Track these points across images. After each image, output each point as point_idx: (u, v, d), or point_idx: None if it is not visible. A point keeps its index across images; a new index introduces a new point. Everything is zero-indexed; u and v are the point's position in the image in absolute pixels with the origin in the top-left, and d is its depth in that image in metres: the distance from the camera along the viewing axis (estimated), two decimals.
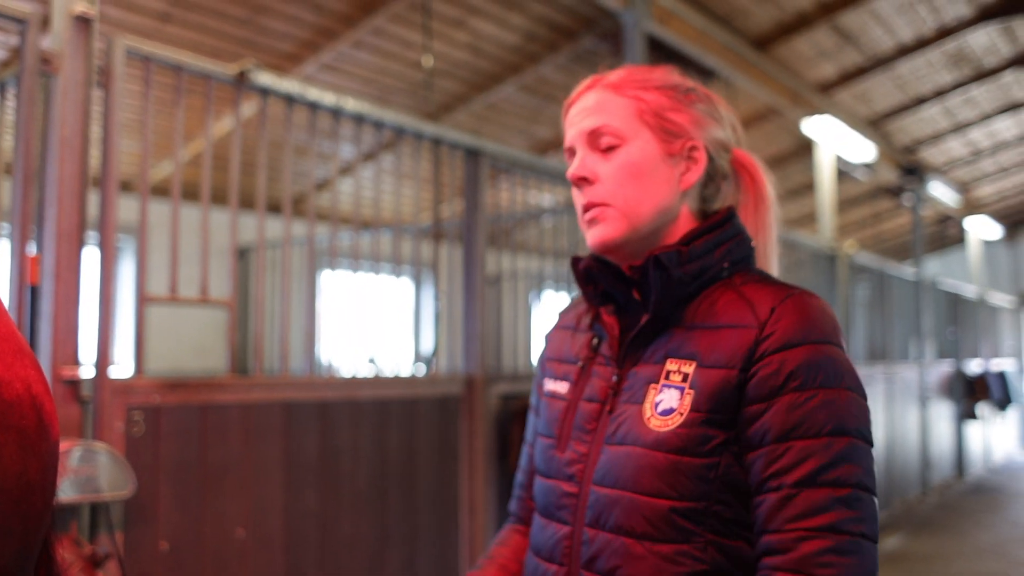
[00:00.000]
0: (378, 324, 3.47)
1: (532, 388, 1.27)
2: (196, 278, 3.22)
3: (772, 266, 1.16)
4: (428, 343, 3.84)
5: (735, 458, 0.98)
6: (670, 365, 1.03)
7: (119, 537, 2.27)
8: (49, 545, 0.77)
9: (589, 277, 1.13)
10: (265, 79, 2.75)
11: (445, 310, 3.61)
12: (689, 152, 1.09)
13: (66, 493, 2.07)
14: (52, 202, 2.21)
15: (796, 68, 6.65)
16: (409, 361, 3.54)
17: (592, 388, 1.10)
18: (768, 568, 0.94)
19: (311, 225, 2.98)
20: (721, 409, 0.98)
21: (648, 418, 1.01)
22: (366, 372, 3.35)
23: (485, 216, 3.62)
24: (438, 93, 6.12)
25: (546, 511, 1.11)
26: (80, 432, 2.23)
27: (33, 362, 0.78)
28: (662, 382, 1.02)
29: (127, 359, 5.70)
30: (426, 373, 3.61)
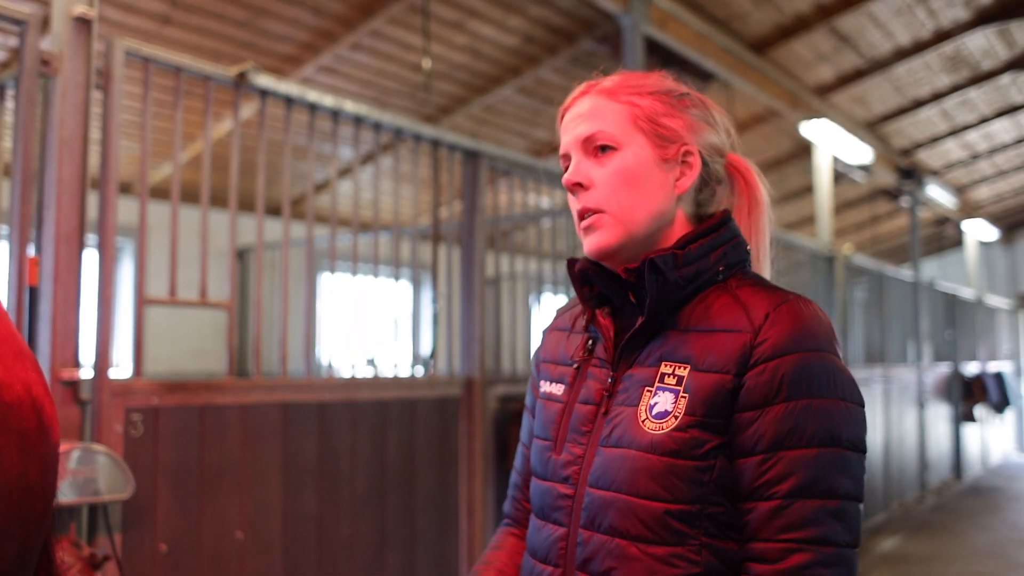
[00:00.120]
0: (377, 326, 3.47)
1: (527, 389, 1.28)
2: (195, 280, 3.22)
3: (765, 269, 1.16)
4: (427, 345, 3.84)
5: (729, 462, 0.99)
6: (665, 368, 1.03)
7: (118, 539, 2.27)
8: (49, 547, 0.77)
9: (585, 279, 1.13)
10: (264, 81, 2.76)
11: (444, 312, 3.61)
12: (683, 157, 1.09)
13: (65, 495, 2.07)
14: (51, 204, 2.21)
15: (794, 71, 6.66)
16: (408, 363, 3.54)
17: (587, 390, 1.10)
18: None
19: (310, 227, 2.99)
20: (715, 413, 0.98)
21: (643, 421, 1.01)
22: (365, 374, 3.35)
23: (484, 218, 3.62)
24: (437, 95, 6.12)
25: (542, 513, 1.11)
26: (79, 434, 2.23)
27: (34, 364, 0.79)
28: (656, 385, 1.03)
29: (126, 361, 5.70)
30: (425, 375, 3.61)
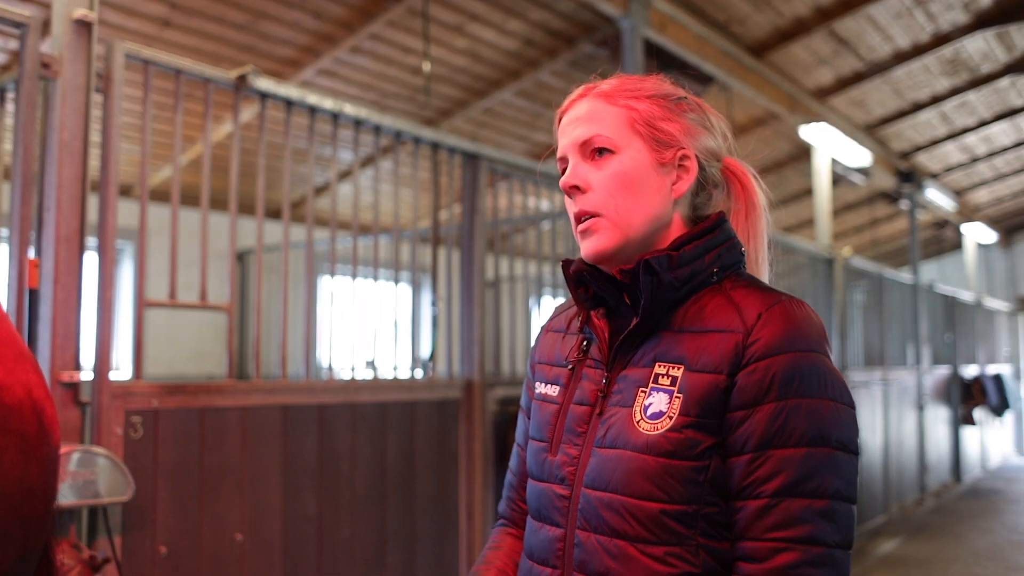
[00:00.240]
0: (377, 328, 3.47)
1: (522, 390, 1.28)
2: (195, 282, 3.22)
3: (763, 273, 1.17)
4: (426, 347, 3.84)
5: (723, 461, 0.99)
6: (659, 369, 1.04)
7: (117, 541, 2.27)
8: (49, 549, 0.77)
9: (580, 280, 1.14)
10: (264, 84, 2.76)
11: (444, 314, 3.61)
12: (680, 161, 1.10)
13: (65, 497, 2.07)
14: (52, 206, 2.21)
15: (793, 74, 6.67)
16: (408, 365, 3.54)
17: (582, 391, 1.11)
18: (743, 575, 0.96)
19: (310, 229, 2.99)
20: (709, 413, 0.99)
21: (637, 421, 1.02)
22: (365, 376, 3.36)
23: (484, 221, 3.62)
24: (437, 98, 6.13)
25: (538, 514, 1.11)
26: (79, 436, 2.23)
27: (34, 366, 0.79)
28: (651, 385, 1.03)
29: (126, 363, 5.70)
30: (424, 377, 3.61)
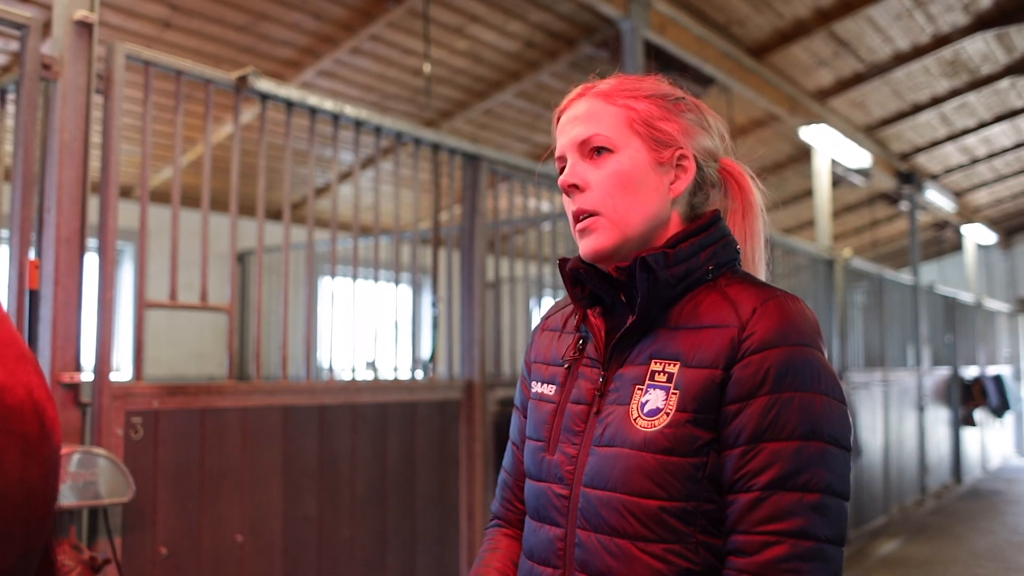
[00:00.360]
0: (377, 329, 3.47)
1: (517, 388, 1.28)
2: (196, 283, 3.22)
3: (760, 272, 1.17)
4: (427, 348, 3.84)
5: (719, 456, 0.99)
6: (655, 366, 1.04)
7: (118, 542, 2.27)
8: (50, 550, 0.77)
9: (576, 279, 1.14)
10: (265, 85, 2.76)
11: (444, 315, 3.61)
12: (678, 161, 1.11)
13: (65, 498, 2.07)
14: (52, 207, 2.21)
15: (794, 76, 6.67)
16: (408, 366, 3.54)
17: (579, 390, 1.11)
18: (734, 569, 0.96)
19: (310, 231, 2.99)
20: (706, 409, 0.99)
21: (635, 419, 1.02)
22: (365, 377, 3.36)
23: (484, 222, 3.62)
24: (437, 100, 6.13)
25: (537, 514, 1.11)
26: (79, 437, 2.24)
27: (35, 367, 0.79)
28: (647, 383, 1.03)
29: (126, 364, 5.70)
30: (425, 378, 3.61)
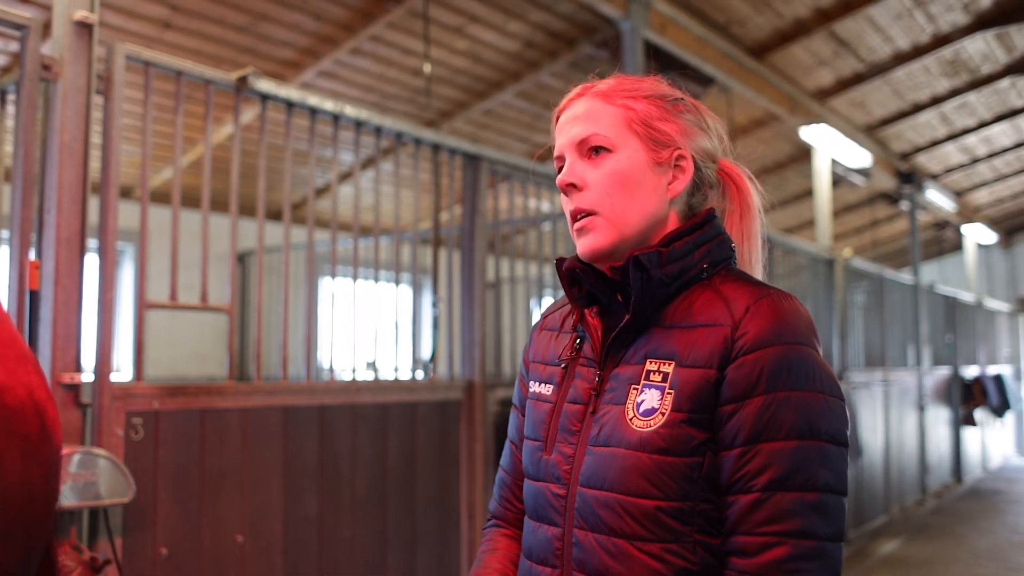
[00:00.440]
0: (378, 330, 3.47)
1: (515, 387, 1.28)
2: (196, 284, 3.22)
3: (757, 273, 1.17)
4: (427, 348, 3.85)
5: (715, 456, 0.99)
6: (650, 365, 1.04)
7: (118, 542, 2.27)
8: (51, 550, 0.77)
9: (574, 279, 1.14)
10: (265, 86, 2.76)
11: (445, 316, 3.61)
12: (676, 161, 1.11)
13: (66, 498, 2.07)
14: (52, 208, 2.21)
15: (794, 75, 6.67)
16: (408, 366, 3.54)
17: (576, 390, 1.11)
18: (736, 570, 0.96)
19: (311, 231, 2.99)
20: (701, 408, 0.99)
21: (631, 419, 1.02)
22: (366, 377, 3.36)
23: (484, 222, 3.62)
24: (437, 100, 6.13)
25: (536, 514, 1.12)
26: (80, 437, 2.23)
27: (36, 368, 0.79)
28: (643, 382, 1.04)
29: (127, 365, 5.70)
30: (425, 378, 3.61)
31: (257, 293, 2.82)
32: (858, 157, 7.51)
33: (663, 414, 1.00)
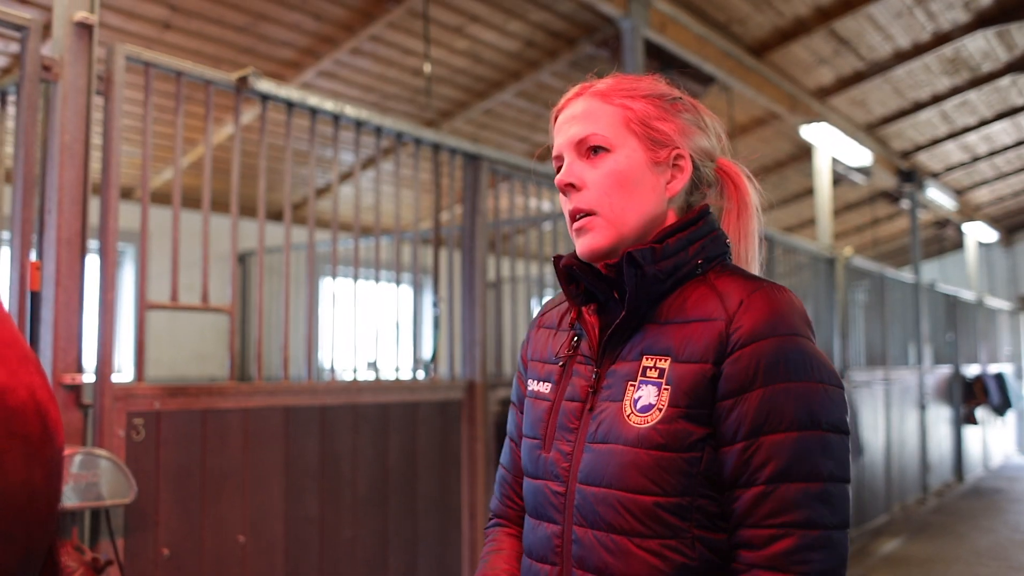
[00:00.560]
0: (378, 330, 3.47)
1: (514, 384, 1.28)
2: (197, 284, 3.22)
3: (754, 271, 1.17)
4: (428, 348, 3.85)
5: (716, 452, 1.00)
6: (646, 361, 1.04)
7: (120, 543, 2.27)
8: (53, 551, 0.77)
9: (571, 276, 1.15)
10: (265, 86, 2.76)
11: (445, 315, 3.61)
12: (675, 160, 1.11)
13: (67, 499, 2.07)
14: (53, 209, 2.21)
15: (794, 74, 6.67)
16: (409, 366, 3.54)
17: (573, 388, 1.11)
18: (744, 564, 0.97)
19: (311, 231, 2.99)
20: (698, 403, 0.99)
21: (628, 415, 1.02)
22: (366, 377, 3.36)
23: (485, 222, 3.63)
24: (438, 100, 6.13)
25: (535, 511, 1.12)
26: (81, 438, 2.24)
27: (38, 368, 0.79)
28: (639, 379, 1.04)
29: (128, 365, 5.71)
30: (426, 378, 3.61)
31: (258, 293, 2.83)
32: (859, 156, 7.51)
33: (660, 410, 1.00)
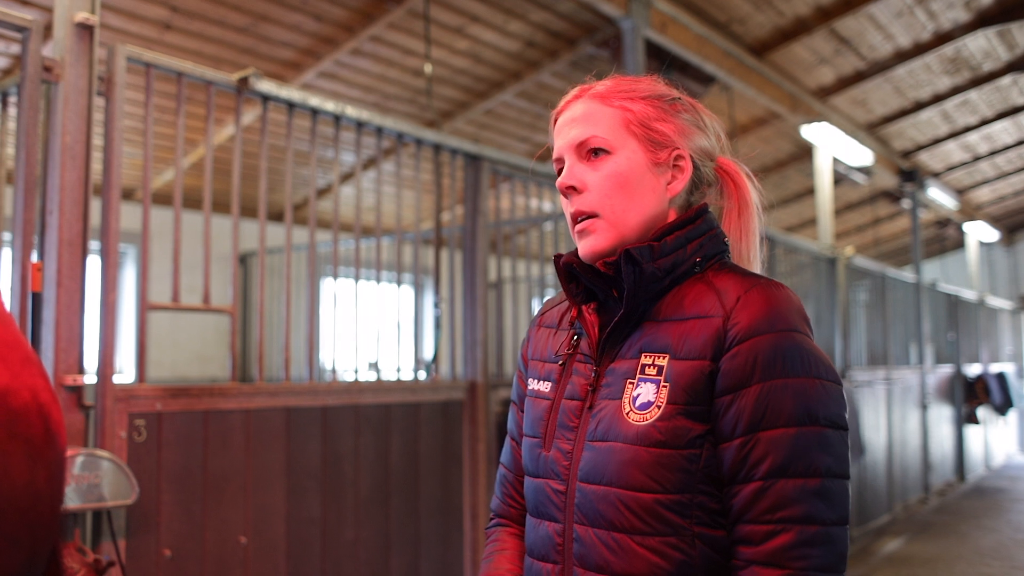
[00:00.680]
0: (380, 330, 3.47)
1: (514, 383, 1.28)
2: (198, 285, 3.22)
3: (755, 270, 1.17)
4: (429, 349, 3.84)
5: (715, 448, 1.00)
6: (645, 359, 1.05)
7: (122, 544, 2.27)
8: (56, 553, 0.77)
9: (571, 275, 1.15)
10: (266, 86, 2.76)
11: (446, 316, 3.61)
12: (675, 161, 1.11)
13: (69, 500, 2.07)
14: (54, 210, 2.21)
15: (795, 74, 6.66)
16: (411, 367, 3.54)
17: (573, 386, 1.12)
18: (742, 559, 0.97)
19: (312, 232, 2.99)
20: (697, 401, 1.00)
21: (627, 413, 1.03)
22: (368, 378, 3.36)
23: (486, 222, 3.62)
24: (438, 100, 6.13)
25: (536, 510, 1.12)
26: (83, 439, 2.24)
27: (40, 370, 0.79)
28: (638, 376, 1.04)
29: (129, 366, 5.70)
30: (428, 379, 3.61)
31: (259, 294, 2.82)
32: (859, 155, 7.50)
33: (659, 407, 1.00)
